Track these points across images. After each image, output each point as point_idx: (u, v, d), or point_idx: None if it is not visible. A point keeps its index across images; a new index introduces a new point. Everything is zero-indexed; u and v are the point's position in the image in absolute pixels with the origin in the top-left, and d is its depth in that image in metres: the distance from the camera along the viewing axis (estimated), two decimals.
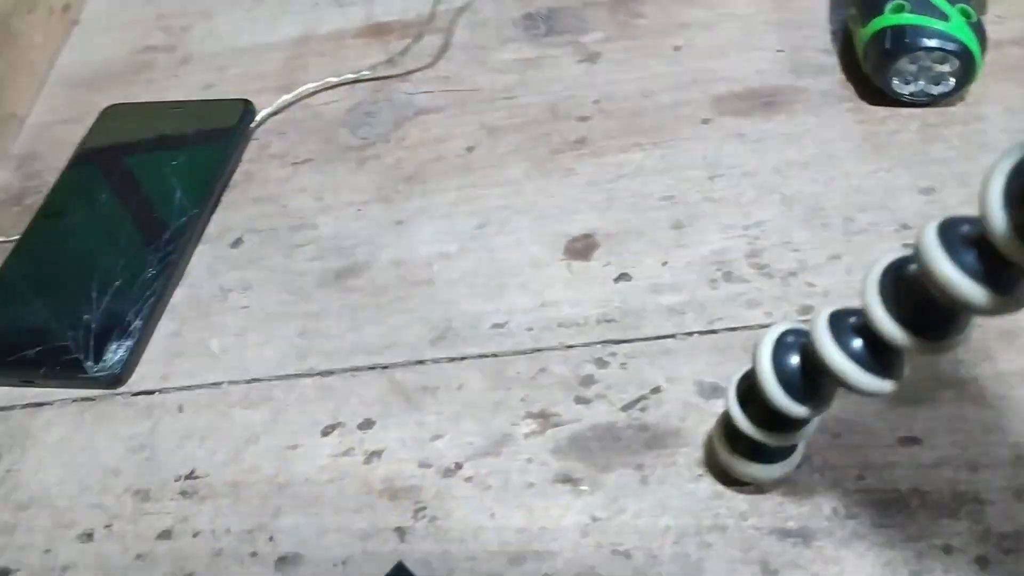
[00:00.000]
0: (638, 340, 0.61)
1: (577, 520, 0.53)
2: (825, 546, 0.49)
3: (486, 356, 0.62)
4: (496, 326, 0.64)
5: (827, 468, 0.52)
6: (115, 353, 0.67)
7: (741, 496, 0.52)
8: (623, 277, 0.64)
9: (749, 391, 0.47)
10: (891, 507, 0.50)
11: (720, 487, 0.52)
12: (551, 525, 0.53)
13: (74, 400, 0.67)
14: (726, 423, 0.50)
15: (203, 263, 0.74)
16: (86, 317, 0.70)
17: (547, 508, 0.54)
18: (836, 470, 0.52)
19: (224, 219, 0.78)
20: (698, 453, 0.54)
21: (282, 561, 0.55)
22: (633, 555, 0.51)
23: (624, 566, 0.50)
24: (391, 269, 0.70)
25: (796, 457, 0.50)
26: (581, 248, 0.67)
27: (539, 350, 0.62)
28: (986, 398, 0.53)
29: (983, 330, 0.55)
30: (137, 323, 0.69)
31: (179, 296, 0.72)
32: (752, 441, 0.49)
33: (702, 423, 0.55)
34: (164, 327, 0.70)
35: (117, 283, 0.71)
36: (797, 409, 0.43)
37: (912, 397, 0.54)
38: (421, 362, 0.63)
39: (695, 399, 0.57)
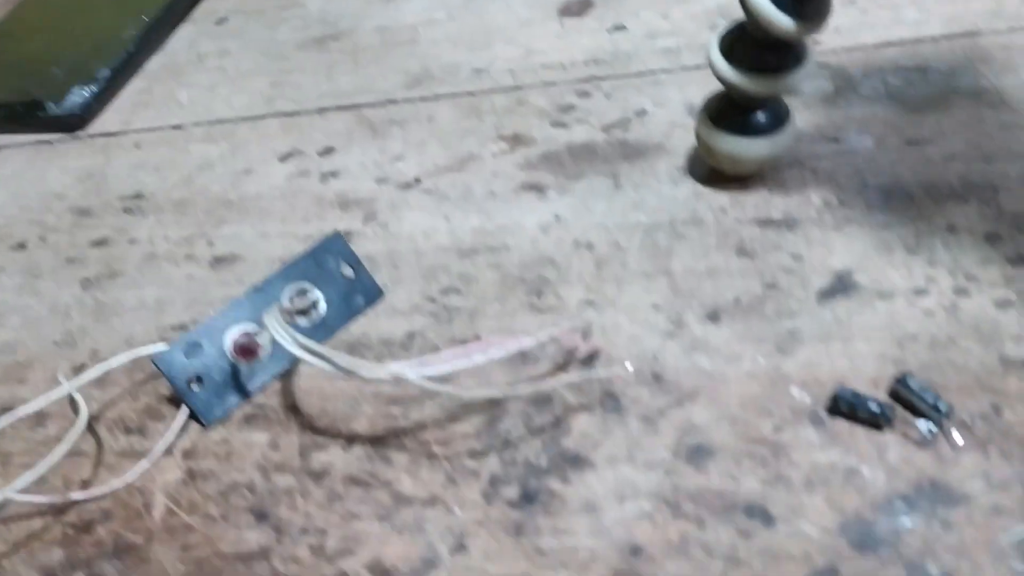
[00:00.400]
0: (627, 76, 0.55)
1: (539, 220, 0.47)
2: (811, 231, 0.43)
3: (461, 95, 0.58)
4: (476, 71, 0.59)
5: (821, 169, 0.46)
6: (78, 96, 0.64)
7: (723, 193, 0.46)
8: (618, 28, 0.60)
9: (734, 43, 0.42)
10: (892, 196, 0.44)
11: (701, 187, 0.47)
12: (510, 224, 0.48)
13: (33, 143, 0.64)
14: (709, 105, 0.45)
15: (185, 38, 0.71)
16: (54, 70, 0.67)
17: (508, 211, 0.48)
18: (832, 171, 0.46)
19: (212, 5, 0.75)
20: (680, 161, 0.49)
21: (218, 261, 0.50)
22: (596, 246, 0.45)
23: (585, 256, 0.45)
24: (374, 34, 0.66)
25: (783, 138, 0.44)
26: (576, 7, 0.63)
27: (519, 88, 0.57)
28: (1007, 103, 0.47)
29: (1009, 47, 0.49)
30: (104, 72, 0.65)
31: (155, 63, 0.69)
32: (736, 110, 0.44)
33: (688, 138, 0.50)
34: (134, 85, 0.67)
35: (90, 39, 0.68)
36: (785, 21, 0.38)
37: (922, 106, 0.48)
38: (393, 101, 0.59)
39: (683, 119, 0.51)
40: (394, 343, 0.43)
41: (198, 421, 0.41)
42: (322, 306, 0.43)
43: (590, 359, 0.40)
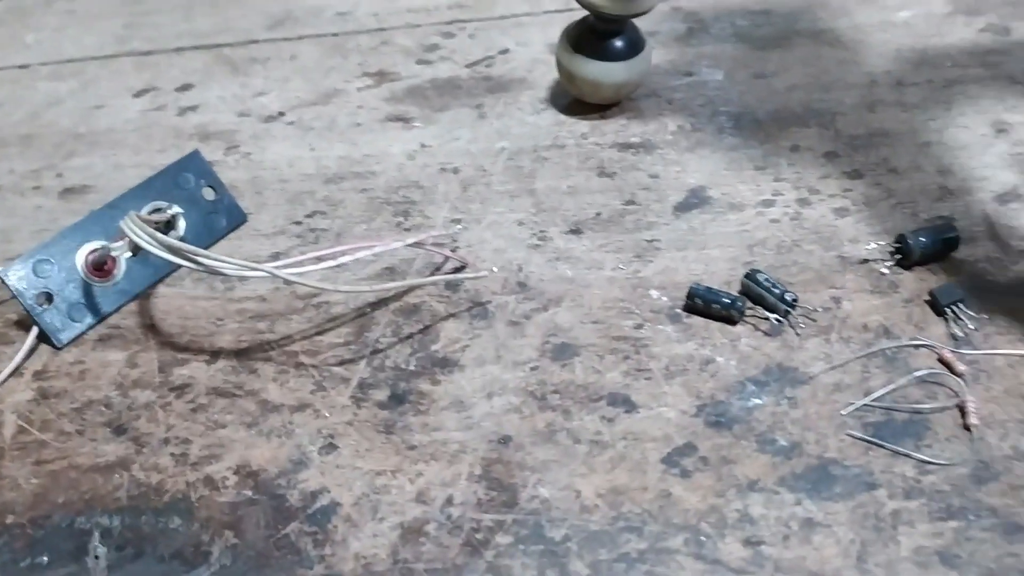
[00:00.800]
0: (490, 19, 0.56)
1: (405, 148, 0.48)
2: (668, 152, 0.45)
3: (325, 36, 0.57)
4: (340, 14, 0.59)
5: (676, 99, 0.48)
6: None
7: (584, 121, 0.48)
8: None
9: None
10: (741, 122, 0.46)
11: (563, 117, 0.48)
12: (376, 152, 0.48)
13: None
14: (569, 32, 0.46)
15: None
16: None
17: (373, 141, 0.48)
18: (685, 101, 0.48)
19: None
20: (543, 94, 0.50)
21: (68, 191, 0.48)
22: (462, 170, 0.46)
23: (451, 179, 0.45)
24: None
25: (639, 64, 0.46)
26: None
27: (383, 29, 0.57)
28: (842, 42, 0.50)
29: None
30: None
31: (0, 7, 0.65)
32: (596, 36, 0.45)
33: (550, 73, 0.51)
34: None
35: None
36: None
37: (767, 44, 0.51)
38: (254, 41, 0.58)
39: (546, 56, 0.53)
40: (260, 262, 0.42)
41: (50, 344, 0.39)
42: (181, 224, 0.42)
43: (457, 271, 0.40)
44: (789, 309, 0.36)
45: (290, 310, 0.39)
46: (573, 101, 0.48)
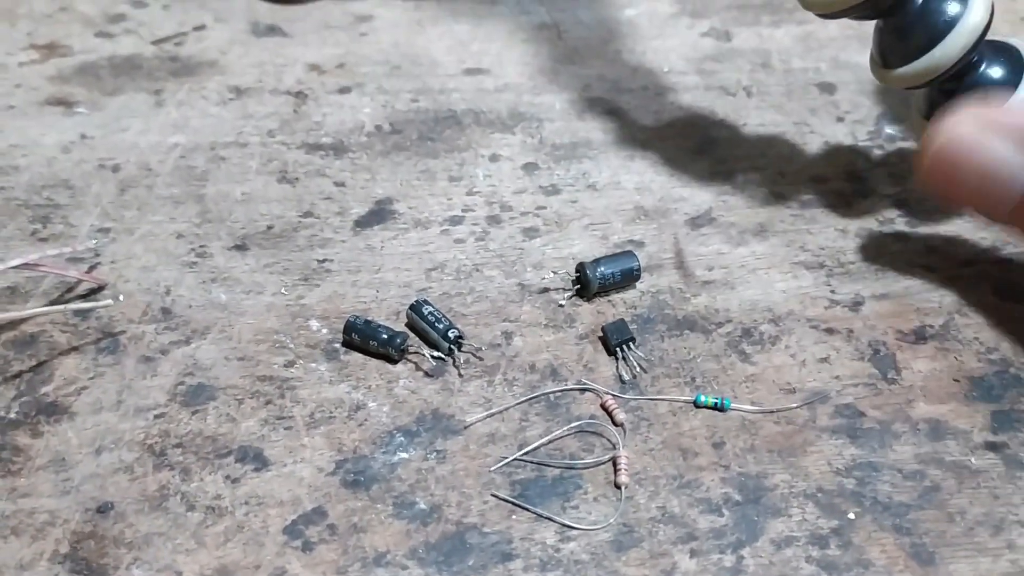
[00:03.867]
0: None
1: (62, 138, 0.41)
2: (360, 156, 0.41)
3: None
4: None
5: (380, 92, 0.44)
6: None
7: (273, 117, 0.42)
8: None
9: None
10: (442, 123, 0.42)
11: (252, 108, 0.43)
12: (24, 143, 0.41)
13: None
14: None
15: None
16: None
17: (24, 128, 0.42)
18: (388, 93, 0.44)
19: None
20: (233, 81, 0.44)
21: None
22: (123, 168, 0.40)
23: (108, 179, 0.39)
24: None
25: None
26: None
27: None
28: (562, 39, 0.47)
29: None
30: None
31: None
32: None
33: (246, 57, 0.46)
34: None
35: None
36: None
37: (487, 40, 0.47)
38: None
39: (245, 36, 0.47)
40: None
41: None
42: None
43: (92, 294, 0.35)
44: (453, 347, 0.33)
45: None
46: (265, 92, 0.43)
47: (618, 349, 0.33)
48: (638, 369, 0.32)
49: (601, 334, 0.33)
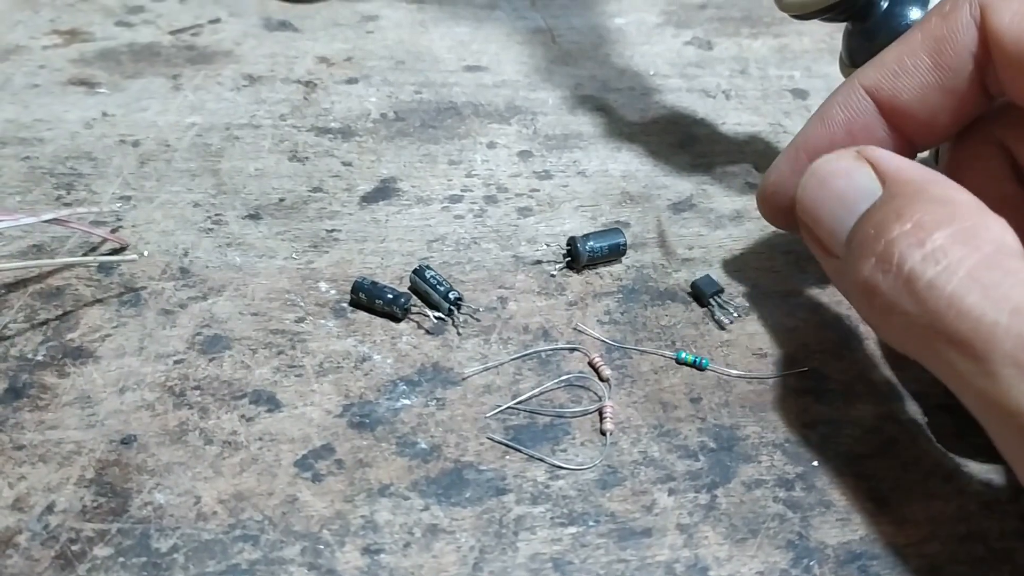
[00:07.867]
0: None
1: (84, 115, 0.44)
2: (366, 140, 0.43)
3: None
4: None
5: (385, 83, 0.47)
6: None
7: (285, 103, 0.45)
8: None
9: None
10: (443, 114, 0.45)
11: (264, 94, 0.46)
12: (49, 118, 0.43)
13: None
14: None
15: None
16: None
17: (49, 105, 0.44)
18: (393, 85, 0.47)
19: None
20: (247, 69, 0.47)
21: None
22: (143, 143, 0.42)
23: (129, 152, 0.42)
24: None
25: None
26: None
27: None
28: (557, 43, 0.50)
29: None
30: None
31: None
32: None
33: (259, 49, 0.48)
34: None
35: None
36: None
37: (481, 40, 0.50)
38: None
39: (258, 30, 0.50)
40: None
41: None
42: None
43: (115, 253, 0.37)
44: (453, 308, 0.35)
45: None
46: (278, 80, 0.45)
47: (711, 300, 0.36)
48: (734, 314, 0.36)
49: (690, 290, 0.36)
